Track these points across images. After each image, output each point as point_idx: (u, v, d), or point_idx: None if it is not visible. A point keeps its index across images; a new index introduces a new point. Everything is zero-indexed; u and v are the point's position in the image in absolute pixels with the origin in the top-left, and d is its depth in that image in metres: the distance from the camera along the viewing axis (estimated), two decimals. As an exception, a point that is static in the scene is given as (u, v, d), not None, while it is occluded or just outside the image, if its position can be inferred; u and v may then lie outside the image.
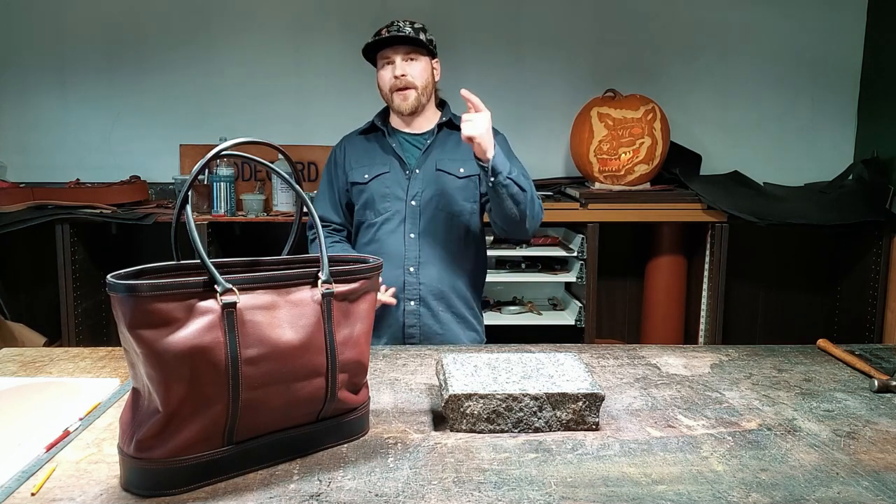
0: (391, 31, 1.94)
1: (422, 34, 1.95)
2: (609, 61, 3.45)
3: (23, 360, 1.63)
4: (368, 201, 1.99)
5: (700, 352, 1.78)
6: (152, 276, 1.04)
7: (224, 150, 1.10)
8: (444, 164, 1.98)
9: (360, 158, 2.03)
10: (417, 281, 1.96)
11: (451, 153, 1.99)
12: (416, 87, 1.95)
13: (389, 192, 1.97)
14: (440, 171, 1.97)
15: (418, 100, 1.96)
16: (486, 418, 1.25)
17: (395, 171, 1.98)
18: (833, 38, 3.47)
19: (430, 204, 1.96)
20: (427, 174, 1.97)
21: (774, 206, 3.09)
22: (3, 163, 3.35)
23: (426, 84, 1.97)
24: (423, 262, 1.96)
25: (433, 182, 1.97)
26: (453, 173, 1.97)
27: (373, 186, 1.98)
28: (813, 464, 1.15)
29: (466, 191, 1.99)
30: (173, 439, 1.01)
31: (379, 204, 1.98)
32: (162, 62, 3.36)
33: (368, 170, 2.00)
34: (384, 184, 1.98)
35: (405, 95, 1.95)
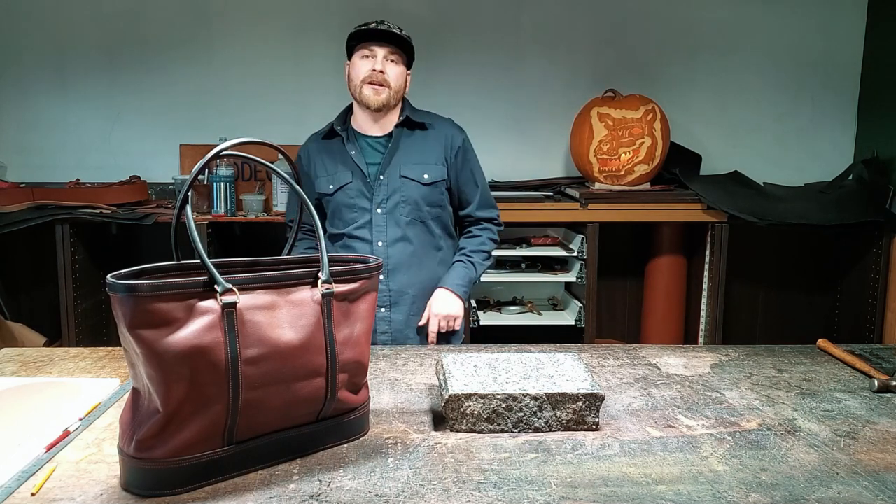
0: (381, 26, 1.93)
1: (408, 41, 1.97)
2: (609, 61, 3.45)
3: (23, 360, 1.63)
4: (335, 211, 1.99)
5: (700, 352, 1.78)
6: (152, 276, 1.04)
7: (224, 150, 1.10)
8: (408, 170, 1.95)
9: (323, 166, 2.00)
10: (388, 288, 1.96)
11: (413, 156, 1.97)
12: (390, 87, 1.92)
13: (354, 202, 1.95)
14: (404, 177, 1.95)
15: (388, 99, 1.93)
16: (486, 418, 1.25)
17: (358, 179, 1.96)
18: (833, 38, 3.47)
19: (395, 211, 1.94)
20: (392, 181, 1.95)
21: (774, 206, 3.09)
22: (3, 163, 3.35)
23: (399, 88, 1.95)
24: (391, 269, 1.95)
25: (398, 189, 1.94)
26: (417, 180, 1.95)
27: (338, 197, 1.97)
28: (813, 464, 1.15)
29: (432, 196, 1.97)
30: (173, 439, 1.01)
31: (346, 214, 1.97)
32: (162, 62, 3.36)
33: (332, 179, 1.97)
34: (348, 194, 1.96)
35: (378, 91, 1.91)
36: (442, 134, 2.00)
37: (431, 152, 1.97)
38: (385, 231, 1.94)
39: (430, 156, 1.96)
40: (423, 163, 1.96)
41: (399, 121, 1.98)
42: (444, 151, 1.99)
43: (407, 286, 1.96)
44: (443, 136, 2.00)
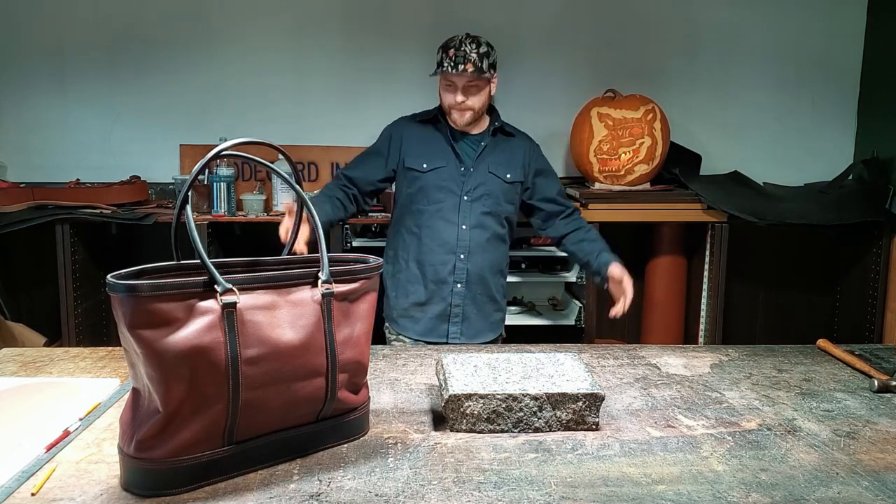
0: (458, 56, 2.10)
1: (485, 60, 2.12)
2: (609, 61, 3.45)
3: (23, 360, 1.63)
4: (423, 189, 2.19)
5: (700, 352, 1.78)
6: (152, 276, 1.04)
7: (224, 150, 1.10)
8: (496, 168, 2.22)
9: (417, 146, 2.22)
10: (466, 267, 2.20)
11: (500, 158, 2.24)
12: (473, 110, 2.16)
13: (446, 185, 2.19)
14: (492, 173, 2.22)
15: (473, 118, 2.19)
16: (486, 418, 1.25)
17: (452, 166, 2.20)
18: (833, 38, 3.47)
19: (479, 201, 2.20)
20: (480, 174, 2.21)
21: (774, 206, 3.09)
22: (3, 163, 3.35)
23: (482, 106, 2.19)
24: (471, 251, 2.20)
25: (485, 182, 2.21)
26: (502, 177, 2.22)
27: (430, 177, 2.18)
28: (813, 464, 1.15)
29: (510, 194, 2.26)
30: (173, 439, 1.01)
31: (434, 194, 2.18)
32: (162, 62, 3.36)
33: (427, 160, 2.19)
34: (441, 177, 2.18)
35: (462, 114, 2.17)
36: (524, 144, 2.30)
37: (514, 157, 2.26)
38: (469, 216, 2.20)
39: (513, 160, 2.25)
40: (507, 164, 2.24)
41: (494, 127, 2.26)
42: (524, 159, 2.28)
43: (481, 267, 2.22)
44: (524, 145, 2.30)
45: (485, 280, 2.25)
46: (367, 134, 3.42)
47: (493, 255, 2.26)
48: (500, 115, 2.31)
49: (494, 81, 2.22)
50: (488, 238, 2.23)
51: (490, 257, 2.25)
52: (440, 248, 2.19)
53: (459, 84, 2.13)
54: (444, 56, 2.14)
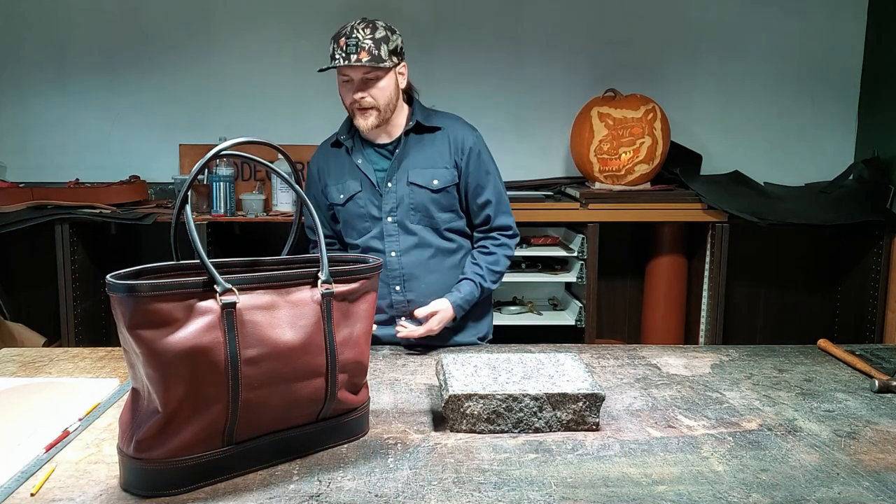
0: (349, 45, 1.77)
1: (383, 46, 1.77)
2: (609, 61, 3.44)
3: (23, 360, 1.63)
4: (347, 221, 1.93)
5: (700, 352, 1.78)
6: (152, 276, 1.03)
7: (224, 149, 1.10)
8: (416, 177, 1.86)
9: (333, 175, 1.94)
10: (405, 299, 1.88)
11: (422, 161, 1.87)
12: (377, 108, 1.81)
13: (365, 211, 1.88)
14: (412, 184, 1.85)
15: (379, 118, 1.83)
16: (486, 418, 1.24)
17: (367, 188, 1.88)
18: (833, 38, 3.46)
19: (406, 219, 1.87)
20: (400, 188, 1.86)
21: (775, 206, 3.09)
22: (3, 163, 3.34)
23: (389, 101, 1.83)
24: (407, 279, 1.88)
25: (407, 196, 1.86)
26: (427, 186, 1.86)
27: (349, 207, 1.91)
28: (813, 464, 1.15)
29: (444, 201, 1.88)
30: (173, 439, 1.00)
31: (358, 224, 1.91)
32: (161, 62, 3.36)
33: (342, 188, 1.91)
34: (358, 204, 1.89)
35: (365, 115, 1.82)
36: (451, 136, 1.89)
37: (440, 156, 1.87)
38: (397, 240, 1.87)
39: (438, 160, 1.86)
40: (432, 167, 1.87)
41: (408, 127, 1.88)
42: (454, 154, 1.88)
43: (425, 295, 1.85)
44: (452, 137, 1.89)
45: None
46: (367, 134, 3.43)
47: (441, 277, 1.89)
48: (420, 106, 1.92)
49: (403, 71, 1.86)
50: (428, 260, 1.88)
51: (436, 282, 1.87)
52: None
53: (355, 77, 1.79)
54: (336, 47, 1.79)
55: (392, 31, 1.82)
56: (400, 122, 1.90)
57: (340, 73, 1.83)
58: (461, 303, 1.82)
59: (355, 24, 1.80)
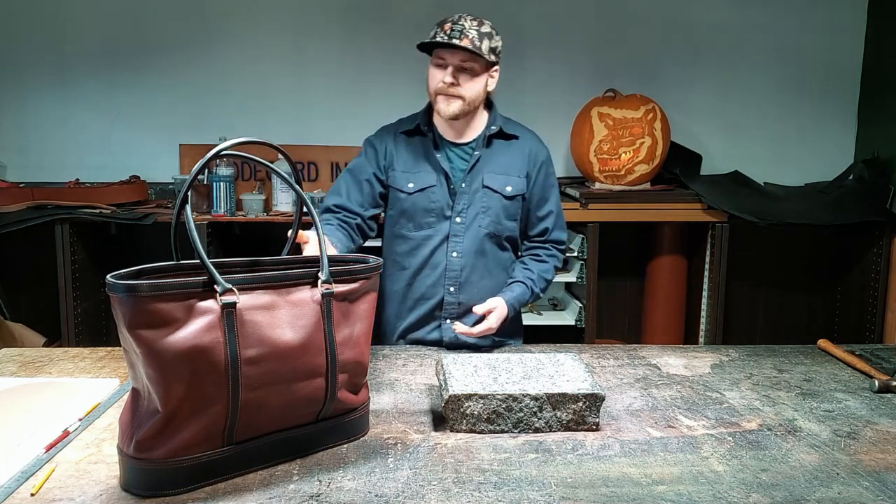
0: (454, 30, 1.76)
1: (486, 41, 1.78)
2: (609, 61, 3.44)
3: (23, 360, 1.63)
4: (409, 213, 1.87)
5: (700, 352, 1.78)
6: (152, 276, 1.03)
7: (224, 149, 1.10)
8: (491, 181, 1.86)
9: (404, 162, 1.89)
10: (456, 301, 1.86)
11: (497, 167, 1.87)
12: (463, 98, 1.79)
13: (435, 207, 1.85)
14: (487, 187, 1.85)
15: (462, 109, 1.81)
16: (486, 418, 1.24)
17: (441, 185, 1.86)
18: (833, 38, 3.47)
19: (474, 222, 1.86)
20: (473, 190, 1.85)
21: (775, 206, 3.09)
22: (3, 163, 3.34)
23: (475, 96, 1.82)
24: (463, 282, 1.86)
25: (479, 199, 1.85)
26: (500, 192, 1.86)
27: (417, 198, 1.86)
28: (813, 464, 1.15)
29: (511, 209, 1.89)
30: (173, 439, 1.00)
31: (421, 218, 1.87)
32: (162, 62, 3.36)
33: (413, 179, 1.87)
34: (430, 198, 1.86)
35: (449, 101, 1.80)
36: (527, 146, 1.91)
37: (515, 164, 1.87)
38: (462, 241, 1.85)
39: (513, 168, 1.87)
40: (506, 174, 1.87)
41: (492, 132, 1.88)
42: (528, 165, 1.89)
43: (475, 300, 1.82)
44: (528, 148, 1.91)
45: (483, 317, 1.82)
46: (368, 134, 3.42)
47: (492, 283, 1.88)
48: (499, 113, 1.94)
49: (495, 74, 1.86)
50: (486, 266, 1.88)
51: (488, 285, 1.87)
52: (426, 280, 1.87)
53: (451, 62, 1.77)
54: (438, 30, 1.78)
55: (496, 32, 1.84)
56: (478, 125, 1.90)
57: (436, 56, 1.81)
58: (514, 302, 1.81)
59: (463, 14, 1.81)
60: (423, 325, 1.89)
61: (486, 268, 1.89)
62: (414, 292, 1.89)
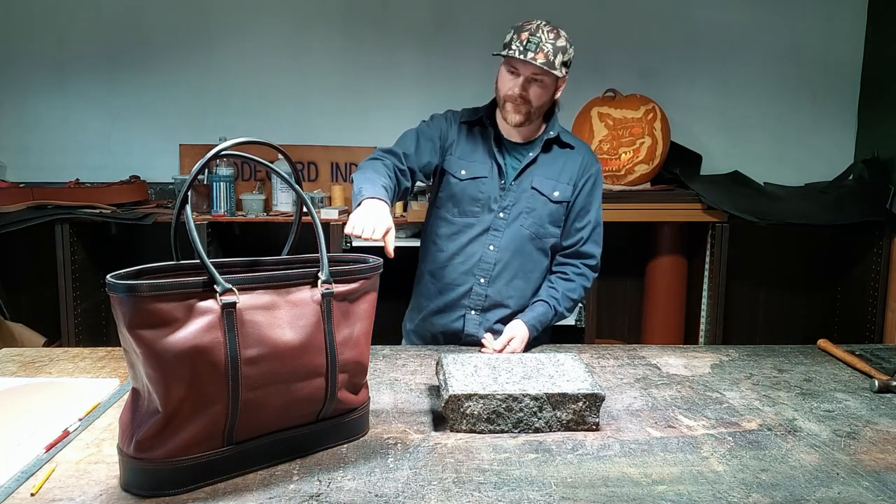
0: (531, 41, 1.80)
1: (560, 55, 1.83)
2: (609, 61, 3.45)
3: (23, 360, 1.63)
4: (457, 198, 1.91)
5: (700, 352, 1.78)
6: (152, 276, 1.03)
7: (224, 149, 1.10)
8: (540, 183, 1.89)
9: (462, 149, 1.93)
10: (485, 293, 1.89)
11: (547, 171, 1.91)
12: (530, 108, 1.84)
13: (483, 197, 1.89)
14: (535, 189, 1.88)
15: (528, 118, 1.86)
16: (486, 418, 1.24)
17: (493, 178, 1.89)
18: (833, 38, 3.47)
19: (517, 220, 1.88)
20: (521, 189, 1.89)
21: (775, 206, 3.09)
22: (3, 163, 3.34)
23: (542, 105, 1.87)
24: (495, 276, 1.88)
25: (525, 199, 1.88)
26: (546, 195, 1.89)
27: (466, 186, 1.90)
28: (813, 464, 1.15)
29: (555, 215, 1.91)
30: (173, 439, 1.00)
31: (468, 206, 1.90)
32: (162, 62, 3.36)
33: (468, 167, 1.91)
34: (480, 189, 1.89)
35: (518, 109, 1.84)
36: (581, 157, 1.94)
37: (566, 172, 1.91)
38: (501, 236, 1.88)
39: (564, 175, 1.90)
40: (555, 180, 1.90)
41: (549, 136, 1.92)
42: (578, 175, 1.92)
43: (506, 297, 1.89)
44: (580, 158, 1.94)
45: (505, 312, 1.90)
46: (368, 134, 3.43)
47: (524, 283, 1.90)
48: (558, 120, 1.97)
49: (563, 84, 1.91)
50: (521, 266, 1.89)
51: (520, 285, 1.90)
52: (459, 267, 1.90)
53: (524, 73, 1.81)
54: (515, 38, 1.81)
55: (570, 44, 1.87)
56: (536, 128, 1.94)
57: (508, 64, 1.85)
58: (535, 323, 1.83)
59: (541, 23, 1.84)
60: (449, 310, 1.93)
61: (522, 268, 1.90)
62: (446, 276, 1.92)
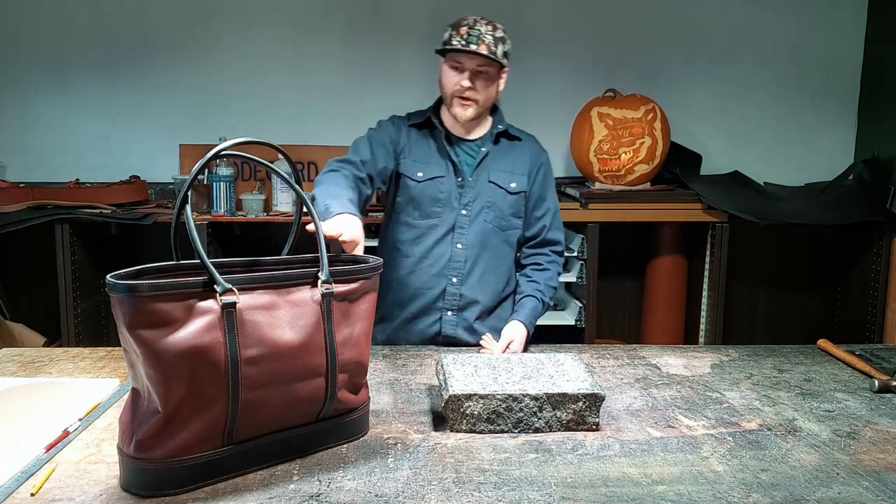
0: (471, 34, 1.82)
1: (500, 46, 1.84)
2: (609, 61, 3.44)
3: (23, 360, 1.63)
4: (417, 200, 1.91)
5: (700, 352, 1.78)
6: (152, 276, 1.03)
7: (224, 149, 1.10)
8: (497, 177, 1.92)
9: (416, 152, 1.93)
10: (459, 293, 1.89)
11: (502, 164, 1.94)
12: (478, 102, 1.86)
13: (444, 197, 1.90)
14: (493, 183, 1.91)
15: (476, 111, 1.88)
16: (486, 418, 1.24)
17: (450, 176, 1.91)
18: (833, 38, 3.47)
19: (479, 215, 1.90)
20: (480, 185, 1.91)
21: (775, 206, 3.09)
22: (3, 163, 3.34)
23: (488, 98, 1.89)
24: (466, 273, 1.90)
25: (485, 193, 1.91)
26: (505, 187, 1.92)
27: (426, 187, 1.90)
28: (813, 464, 1.15)
29: (515, 206, 1.94)
30: (173, 439, 1.00)
31: (429, 207, 1.90)
32: (161, 62, 3.36)
33: (424, 168, 1.91)
34: (439, 189, 1.90)
35: (465, 106, 1.86)
36: (529, 148, 1.99)
37: (520, 163, 1.95)
38: (466, 234, 1.90)
39: (518, 166, 1.94)
40: (511, 172, 1.93)
41: (497, 130, 1.95)
42: (530, 165, 1.96)
43: (479, 293, 1.90)
44: (530, 150, 1.98)
45: (483, 311, 1.92)
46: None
47: (493, 280, 1.93)
48: (503, 115, 2.01)
49: (504, 76, 1.92)
50: (489, 260, 1.91)
51: (492, 284, 1.92)
52: (429, 270, 1.89)
53: (468, 67, 1.83)
54: (454, 34, 1.84)
55: (507, 35, 1.89)
56: (484, 124, 1.97)
57: (452, 59, 1.86)
58: (531, 318, 1.85)
59: (478, 18, 1.87)
60: (423, 315, 1.91)
61: (490, 263, 1.92)
62: (415, 281, 1.91)
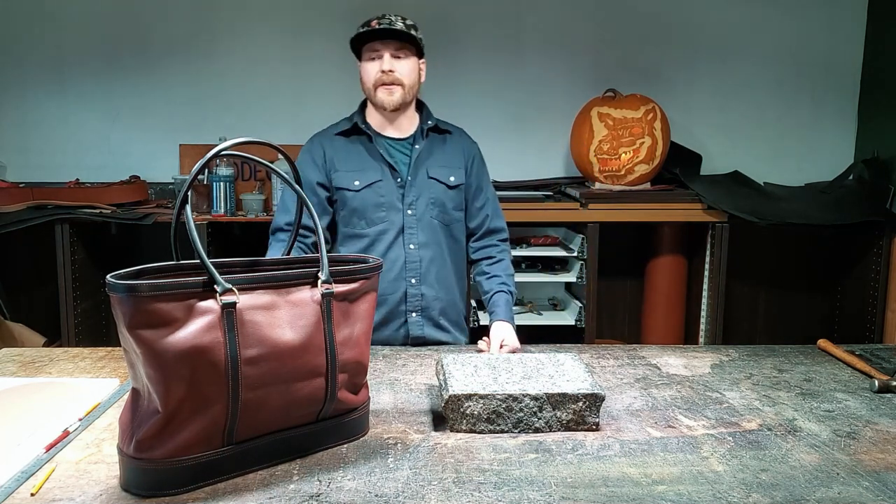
0: (382, 23, 1.84)
1: (413, 31, 1.87)
2: (609, 61, 3.45)
3: (23, 360, 1.63)
4: (359, 210, 1.89)
5: (700, 352, 1.78)
6: (152, 276, 1.03)
7: (224, 149, 1.10)
8: (435, 172, 1.92)
9: (345, 162, 1.91)
10: (420, 293, 1.90)
11: (438, 159, 1.94)
12: (402, 85, 1.86)
13: (385, 201, 1.88)
14: (432, 178, 1.91)
15: (403, 97, 1.87)
16: (486, 418, 1.24)
17: (388, 178, 1.89)
18: (833, 38, 3.47)
19: (425, 213, 1.90)
20: (420, 182, 1.90)
21: (775, 206, 3.09)
22: (3, 163, 3.35)
23: (413, 84, 1.89)
24: (424, 272, 1.90)
25: (426, 190, 1.90)
26: (444, 181, 1.92)
27: (365, 195, 1.88)
28: (813, 464, 1.15)
29: (456, 200, 1.95)
30: (173, 439, 1.00)
31: (373, 213, 1.89)
32: (162, 62, 3.36)
33: (359, 176, 1.89)
34: (379, 192, 1.88)
35: (391, 90, 1.85)
36: (460, 139, 2.00)
37: (454, 156, 1.96)
38: (416, 234, 1.89)
39: (453, 160, 1.95)
40: (448, 166, 1.94)
41: (427, 125, 1.95)
42: (464, 158, 1.97)
43: (439, 290, 1.92)
44: (461, 143, 1.99)
45: (444, 304, 1.93)
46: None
47: (449, 274, 1.94)
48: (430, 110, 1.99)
49: (423, 66, 1.93)
50: (440, 256, 1.92)
51: (445, 277, 1.94)
52: (386, 276, 1.87)
53: (386, 51, 1.83)
54: (366, 26, 1.86)
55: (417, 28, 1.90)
56: (413, 121, 1.96)
57: (369, 50, 1.88)
58: (510, 314, 1.87)
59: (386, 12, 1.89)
60: (389, 321, 1.90)
61: (443, 258, 1.94)
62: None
